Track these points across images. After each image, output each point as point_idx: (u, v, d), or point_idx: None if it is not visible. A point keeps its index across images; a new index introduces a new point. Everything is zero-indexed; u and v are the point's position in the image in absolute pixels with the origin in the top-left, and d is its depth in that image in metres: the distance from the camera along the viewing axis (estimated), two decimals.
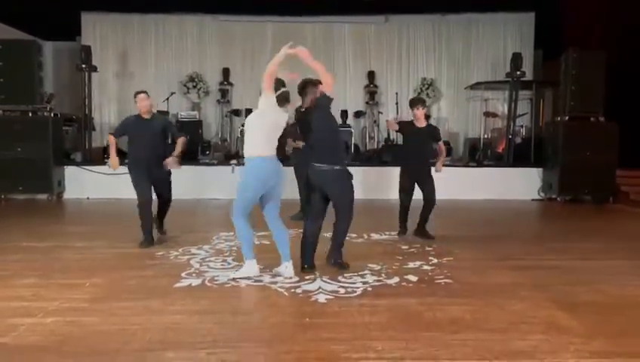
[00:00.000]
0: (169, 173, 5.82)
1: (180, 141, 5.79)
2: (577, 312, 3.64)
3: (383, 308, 3.70)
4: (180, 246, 5.54)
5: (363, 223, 6.94)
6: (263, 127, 4.37)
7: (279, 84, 4.44)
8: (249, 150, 4.39)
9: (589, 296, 4.03)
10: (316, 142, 4.63)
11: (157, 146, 5.69)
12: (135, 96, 5.75)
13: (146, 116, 5.71)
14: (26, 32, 11.26)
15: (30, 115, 9.15)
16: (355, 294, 4.02)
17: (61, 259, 5.11)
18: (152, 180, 5.69)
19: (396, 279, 4.41)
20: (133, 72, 12.12)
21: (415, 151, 6.09)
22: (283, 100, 4.44)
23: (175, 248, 5.48)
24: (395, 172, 9.38)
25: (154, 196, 5.81)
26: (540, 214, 8.62)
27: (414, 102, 6.22)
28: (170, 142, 5.93)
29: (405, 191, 6.17)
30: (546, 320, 3.50)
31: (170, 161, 5.60)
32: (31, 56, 9.05)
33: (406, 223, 6.26)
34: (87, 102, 10.27)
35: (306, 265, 4.59)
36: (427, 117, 6.24)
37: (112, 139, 5.86)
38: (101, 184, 9.43)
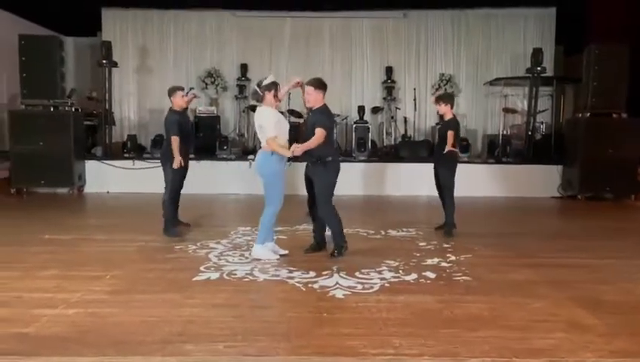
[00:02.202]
0: None
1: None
2: (599, 311, 3.59)
3: (401, 305, 3.70)
4: (199, 241, 5.58)
5: (380, 219, 6.95)
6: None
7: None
8: None
9: (611, 295, 3.97)
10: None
11: (192, 139, 6.02)
12: (173, 93, 5.91)
13: (181, 110, 5.95)
14: (48, 28, 11.44)
15: (52, 109, 9.29)
16: (372, 290, 4.01)
17: (82, 251, 5.20)
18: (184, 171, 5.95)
19: (414, 276, 4.39)
20: (152, 67, 12.22)
21: (437, 147, 6.22)
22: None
23: (193, 242, 5.52)
24: (412, 168, 9.48)
25: None
26: (560, 212, 8.50)
27: (437, 99, 6.29)
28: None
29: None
30: (567, 318, 3.46)
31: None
32: (53, 52, 9.17)
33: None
34: (107, 97, 10.38)
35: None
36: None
37: (178, 140, 5.74)
38: (121, 178, 9.56)
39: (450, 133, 5.90)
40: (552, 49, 11.64)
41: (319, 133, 4.73)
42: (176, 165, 5.68)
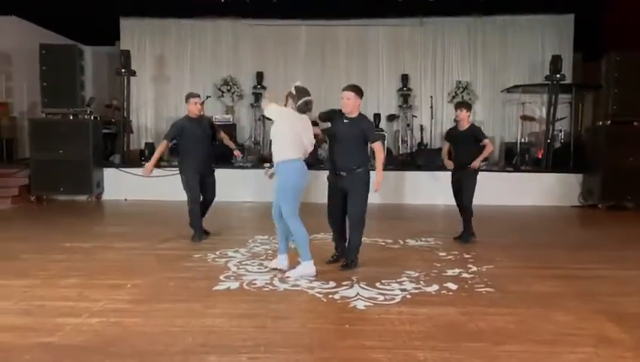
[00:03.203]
0: (213, 172, 6.12)
1: (225, 136, 6.20)
2: (627, 324, 3.51)
3: (424, 317, 3.65)
4: (217, 249, 5.58)
5: (398, 229, 6.90)
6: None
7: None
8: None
9: (638, 308, 3.88)
10: None
11: (207, 146, 5.98)
12: (188, 99, 5.96)
13: (196, 117, 5.93)
14: (67, 37, 11.61)
15: (71, 117, 9.39)
16: (394, 301, 3.97)
17: (103, 259, 5.22)
18: (202, 180, 5.95)
19: (435, 287, 4.34)
20: (169, 75, 12.33)
21: (456, 155, 6.14)
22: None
23: (212, 251, 5.52)
24: (428, 176, 9.41)
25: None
26: (581, 221, 8.36)
27: (456, 105, 6.33)
28: (213, 141, 6.18)
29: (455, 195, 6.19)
30: (595, 332, 3.38)
31: (237, 154, 6.21)
32: (73, 61, 9.28)
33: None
34: (125, 106, 10.47)
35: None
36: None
37: (165, 144, 5.96)
38: (138, 186, 9.61)
39: (488, 142, 5.94)
40: (570, 56, 11.52)
41: (381, 145, 4.82)
42: (144, 172, 5.90)
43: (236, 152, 6.25)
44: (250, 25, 12.16)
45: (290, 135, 4.54)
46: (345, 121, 4.81)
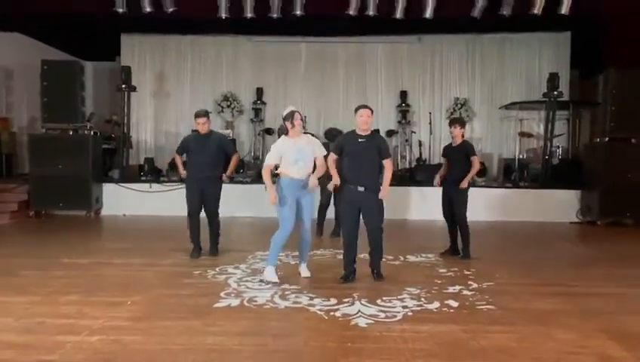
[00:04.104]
0: (219, 189, 6.10)
1: (233, 158, 6.17)
2: (629, 343, 3.50)
3: (426, 334, 3.63)
4: (217, 266, 5.56)
5: (399, 245, 6.88)
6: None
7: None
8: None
9: None
10: None
11: (212, 162, 6.01)
12: (195, 118, 6.08)
13: (204, 133, 6.06)
14: (68, 53, 11.68)
15: (71, 133, 9.42)
16: (395, 319, 3.95)
17: (102, 275, 5.20)
18: (203, 195, 6.00)
19: (436, 304, 4.32)
20: (169, 91, 12.39)
21: (450, 170, 6.21)
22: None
23: (212, 267, 5.50)
24: (427, 192, 9.41)
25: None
26: (580, 238, 8.36)
27: (450, 122, 6.41)
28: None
29: (443, 212, 6.25)
30: (597, 350, 3.37)
31: (224, 178, 6.09)
32: (74, 77, 9.34)
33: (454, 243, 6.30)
34: (125, 121, 10.50)
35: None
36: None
37: (178, 158, 6.38)
38: (137, 201, 9.62)
39: (475, 159, 5.98)
40: (567, 73, 11.62)
41: (391, 162, 5.12)
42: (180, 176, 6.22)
43: (224, 176, 6.14)
44: (250, 41, 12.26)
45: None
46: (360, 140, 4.99)
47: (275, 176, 5.12)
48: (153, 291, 4.63)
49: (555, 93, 10.02)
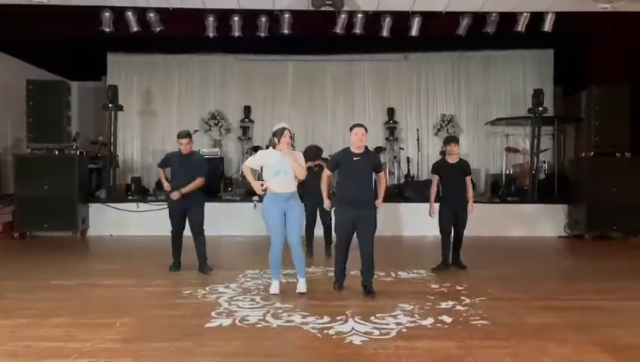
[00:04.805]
0: (202, 209, 6.16)
1: (196, 180, 6.09)
2: (623, 356, 3.51)
3: (421, 351, 3.61)
4: (207, 285, 5.50)
5: (389, 261, 6.86)
6: None
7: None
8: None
9: (634, 339, 3.89)
10: None
11: (190, 181, 6.05)
12: (178, 139, 6.17)
13: (186, 153, 6.15)
14: (53, 73, 11.59)
15: (57, 153, 9.31)
16: (389, 336, 3.93)
17: (90, 297, 5.10)
18: (185, 213, 6.12)
19: (430, 320, 4.31)
20: (156, 110, 12.33)
21: (449, 188, 6.30)
22: None
23: (202, 286, 5.44)
24: (417, 208, 9.43)
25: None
26: (568, 251, 8.40)
27: (446, 140, 6.51)
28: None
29: (446, 228, 6.32)
30: None
31: (173, 194, 6.04)
32: (60, 97, 9.26)
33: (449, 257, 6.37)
34: (112, 140, 10.41)
35: None
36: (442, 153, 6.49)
37: (161, 172, 6.58)
38: (124, 221, 9.50)
39: (469, 179, 6.23)
40: (551, 89, 11.81)
41: (384, 174, 5.44)
42: (165, 188, 6.30)
43: (175, 192, 6.00)
44: (238, 60, 12.30)
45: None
46: (355, 158, 5.16)
47: (265, 190, 5.16)
48: (143, 312, 4.55)
49: (540, 108, 10.16)
